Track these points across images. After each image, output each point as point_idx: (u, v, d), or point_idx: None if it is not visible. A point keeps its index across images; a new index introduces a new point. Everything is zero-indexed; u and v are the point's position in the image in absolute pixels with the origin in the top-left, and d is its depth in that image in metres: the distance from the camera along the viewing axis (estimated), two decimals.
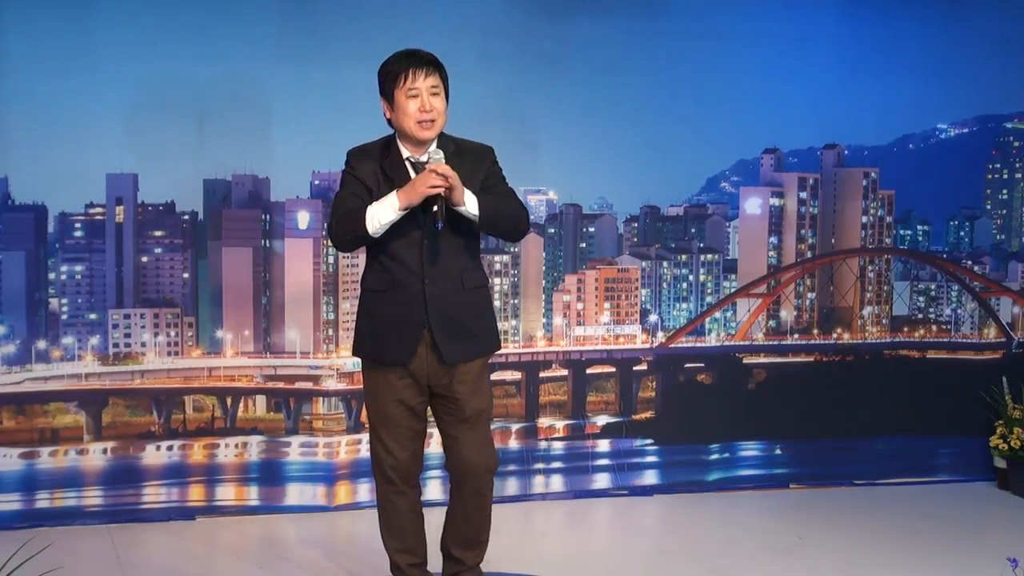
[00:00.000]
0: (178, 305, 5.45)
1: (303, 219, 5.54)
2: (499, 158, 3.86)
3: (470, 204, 3.65)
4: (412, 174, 3.71)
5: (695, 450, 6.02)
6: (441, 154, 3.68)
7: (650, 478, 5.93)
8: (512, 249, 5.84)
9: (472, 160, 3.76)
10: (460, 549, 3.96)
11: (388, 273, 3.75)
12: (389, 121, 3.76)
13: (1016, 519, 5.54)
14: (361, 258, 5.62)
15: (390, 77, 3.69)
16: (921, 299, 6.44)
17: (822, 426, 6.13)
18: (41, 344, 5.30)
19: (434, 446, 5.16)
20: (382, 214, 3.63)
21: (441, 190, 3.57)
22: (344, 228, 3.70)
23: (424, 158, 3.71)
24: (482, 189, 3.73)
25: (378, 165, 3.74)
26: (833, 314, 6.28)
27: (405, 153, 3.75)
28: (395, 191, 3.63)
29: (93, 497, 5.30)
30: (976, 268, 6.43)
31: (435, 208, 3.60)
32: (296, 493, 5.52)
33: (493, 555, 4.70)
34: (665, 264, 6.11)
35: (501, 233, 3.87)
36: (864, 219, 6.24)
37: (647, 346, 6.00)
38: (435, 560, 4.08)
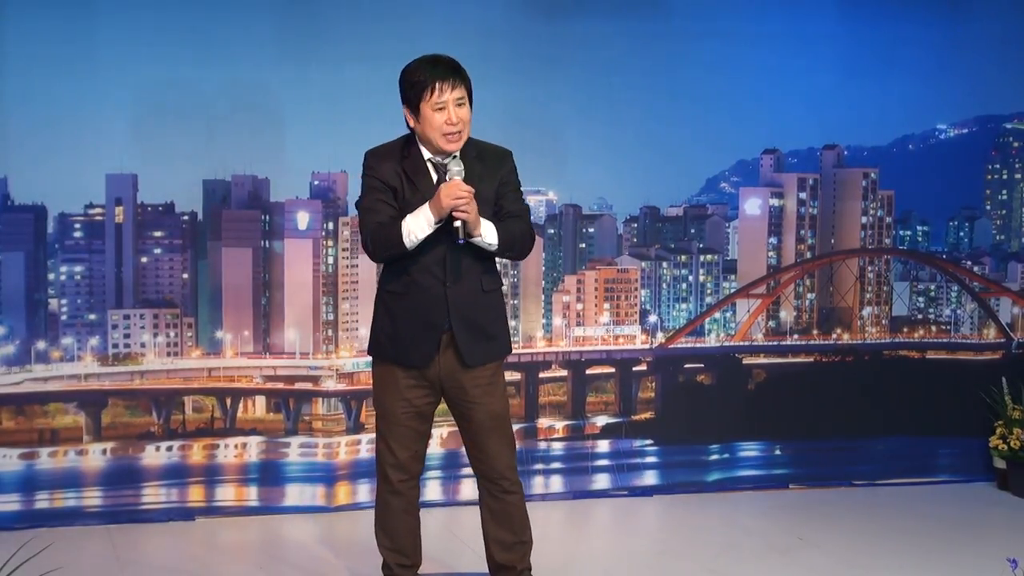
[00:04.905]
0: (178, 305, 5.45)
1: (303, 219, 5.54)
2: None
3: (487, 234, 3.66)
4: (434, 175, 3.69)
5: (695, 450, 6.02)
6: (461, 166, 3.65)
7: (650, 479, 5.93)
8: None
9: (492, 164, 3.76)
10: (503, 553, 3.93)
11: (408, 275, 3.71)
12: (412, 129, 3.71)
13: (1016, 519, 5.54)
14: (362, 258, 5.68)
15: (416, 88, 3.63)
16: (921, 299, 6.43)
17: (822, 426, 6.13)
18: (41, 345, 5.29)
19: (433, 446, 5.17)
20: (418, 229, 3.61)
21: (464, 212, 3.56)
22: (382, 244, 3.67)
23: (445, 160, 3.68)
24: (496, 195, 3.75)
25: (399, 166, 3.70)
26: (833, 314, 6.28)
27: (426, 154, 3.72)
28: (427, 205, 3.60)
29: (93, 497, 5.30)
30: (976, 268, 6.43)
31: (456, 224, 3.59)
32: (296, 494, 5.51)
33: None
34: (665, 264, 6.10)
35: (510, 258, 4.00)
36: (864, 219, 6.23)
37: (647, 347, 6.00)
38: (428, 564, 4.09)
